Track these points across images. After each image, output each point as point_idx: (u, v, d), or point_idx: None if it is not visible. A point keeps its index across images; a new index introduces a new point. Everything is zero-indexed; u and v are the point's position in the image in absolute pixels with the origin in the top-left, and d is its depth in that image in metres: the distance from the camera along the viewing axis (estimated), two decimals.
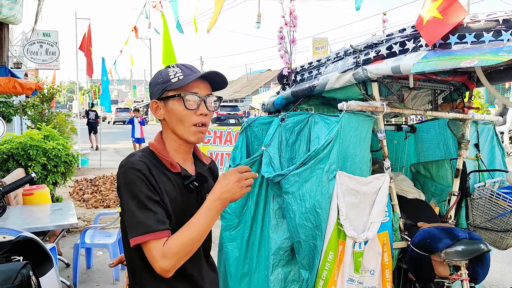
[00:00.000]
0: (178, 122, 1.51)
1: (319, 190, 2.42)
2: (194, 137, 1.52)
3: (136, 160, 1.44)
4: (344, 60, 2.65)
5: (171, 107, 1.51)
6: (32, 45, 11.96)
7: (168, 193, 1.46)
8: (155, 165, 1.48)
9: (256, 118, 3.21)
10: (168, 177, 1.49)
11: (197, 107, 1.50)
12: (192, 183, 1.52)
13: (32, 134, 6.18)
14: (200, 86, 1.53)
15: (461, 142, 2.88)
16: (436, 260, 2.47)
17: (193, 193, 1.54)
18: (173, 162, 1.52)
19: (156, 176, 1.45)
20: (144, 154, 1.51)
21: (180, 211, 1.48)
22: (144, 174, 1.41)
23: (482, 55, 1.87)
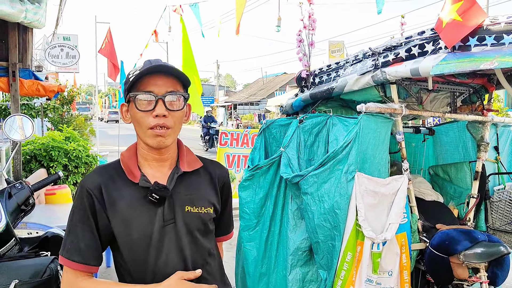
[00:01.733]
0: (137, 125, 1.36)
1: (338, 191, 2.45)
2: (152, 141, 1.34)
3: (90, 177, 1.35)
4: (362, 62, 2.68)
5: (131, 109, 1.37)
6: (53, 48, 12.24)
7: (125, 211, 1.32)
8: (116, 178, 1.36)
9: (275, 120, 3.25)
10: (131, 189, 1.35)
11: (152, 107, 1.32)
12: (150, 195, 1.33)
13: (54, 136, 6.34)
14: (158, 83, 1.33)
15: (480, 145, 2.88)
16: (455, 262, 2.48)
17: (159, 205, 1.35)
18: (135, 171, 1.37)
19: (111, 193, 1.33)
20: (109, 165, 1.41)
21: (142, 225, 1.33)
22: (91, 195, 1.32)
23: (502, 57, 1.88)
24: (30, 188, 2.23)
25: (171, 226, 1.36)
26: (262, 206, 2.94)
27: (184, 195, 1.40)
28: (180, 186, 1.41)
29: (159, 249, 1.35)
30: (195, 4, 6.24)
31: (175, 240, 1.37)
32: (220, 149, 7.05)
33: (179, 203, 1.38)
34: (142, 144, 1.39)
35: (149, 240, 1.34)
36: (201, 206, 1.42)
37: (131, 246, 1.33)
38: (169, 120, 1.34)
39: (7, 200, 2.07)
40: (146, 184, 1.35)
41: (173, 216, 1.37)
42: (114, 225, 1.32)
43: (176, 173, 1.41)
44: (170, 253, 1.36)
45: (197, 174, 1.47)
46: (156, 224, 1.34)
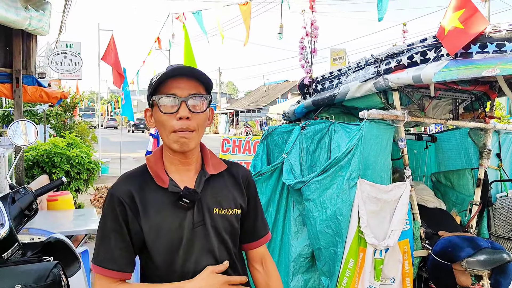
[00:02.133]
0: (161, 128, 1.37)
1: (340, 197, 2.45)
2: (176, 144, 1.34)
3: (119, 185, 1.37)
4: (365, 69, 2.69)
5: (155, 113, 1.38)
6: (57, 55, 12.32)
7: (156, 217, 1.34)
8: (145, 184, 1.37)
9: (277, 127, 3.26)
10: (160, 194, 1.37)
11: (176, 110, 1.32)
12: (181, 200, 1.35)
13: (57, 142, 6.36)
14: (181, 86, 1.34)
15: (482, 152, 2.88)
16: (458, 269, 2.47)
17: (188, 209, 1.37)
18: (163, 177, 1.38)
19: (142, 200, 1.35)
20: (136, 171, 1.42)
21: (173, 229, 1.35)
22: (123, 202, 1.33)
23: (504, 64, 1.89)
24: (33, 194, 2.23)
25: (201, 228, 1.39)
26: (264, 212, 2.93)
27: (212, 198, 1.42)
28: (207, 189, 1.43)
29: (189, 250, 1.38)
30: (198, 11, 6.29)
31: (205, 242, 1.40)
32: (221, 156, 7.05)
33: (207, 206, 1.41)
34: (167, 148, 1.41)
35: (180, 243, 1.36)
36: (228, 207, 1.45)
37: (162, 250, 1.36)
38: (192, 122, 1.35)
39: (10, 205, 2.08)
40: (176, 189, 1.36)
41: (202, 218, 1.39)
42: (146, 231, 1.35)
43: (203, 176, 1.43)
44: (200, 255, 1.39)
45: (222, 177, 1.49)
46: (186, 227, 1.37)
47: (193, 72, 1.37)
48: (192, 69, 1.37)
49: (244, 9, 5.07)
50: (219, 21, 6.07)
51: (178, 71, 1.35)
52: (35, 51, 5.97)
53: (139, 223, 1.34)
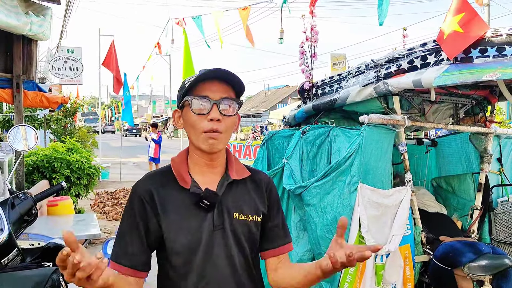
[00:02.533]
0: (190, 129, 1.39)
1: (341, 202, 2.44)
2: (204, 144, 1.37)
3: (141, 182, 1.40)
4: (365, 74, 2.69)
5: (185, 114, 1.41)
6: (57, 61, 12.33)
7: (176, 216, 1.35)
8: (167, 183, 1.39)
9: (277, 131, 3.26)
10: (182, 195, 1.38)
11: (207, 111, 1.35)
12: (201, 201, 1.36)
13: (57, 147, 6.35)
14: (213, 89, 1.37)
15: (483, 156, 2.87)
16: (459, 275, 2.45)
17: (209, 211, 1.38)
18: (186, 177, 1.40)
19: (162, 199, 1.36)
20: (160, 171, 1.45)
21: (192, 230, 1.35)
22: (142, 200, 1.36)
23: (505, 68, 1.89)
24: (33, 199, 2.23)
25: (220, 231, 1.39)
26: None
27: (233, 202, 1.42)
28: (229, 194, 1.44)
29: (208, 253, 1.37)
30: (198, 17, 6.32)
31: (224, 246, 1.39)
32: None
33: (227, 210, 1.41)
34: (194, 149, 1.42)
35: (199, 245, 1.36)
36: (248, 214, 1.45)
37: (180, 250, 1.36)
38: (222, 125, 1.37)
39: (10, 210, 2.07)
40: (197, 191, 1.37)
41: (222, 222, 1.39)
42: (165, 229, 1.35)
43: (226, 180, 1.43)
44: (219, 258, 1.38)
45: (245, 183, 1.49)
46: (205, 229, 1.37)
47: (227, 76, 1.39)
48: (226, 72, 1.39)
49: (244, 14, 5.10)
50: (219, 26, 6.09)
51: (212, 74, 1.37)
52: (36, 56, 5.97)
53: (158, 221, 1.36)
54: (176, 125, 1.45)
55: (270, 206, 1.52)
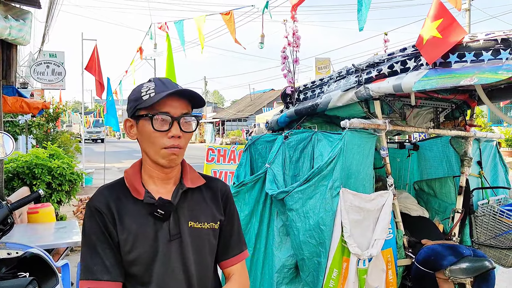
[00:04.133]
0: (149, 143, 1.37)
1: (323, 207, 2.44)
2: (164, 160, 1.37)
3: (97, 195, 1.38)
4: (346, 79, 2.70)
5: (142, 127, 1.37)
6: (39, 65, 12.16)
7: (132, 226, 1.34)
8: (122, 196, 1.38)
9: (260, 136, 3.25)
10: (136, 206, 1.38)
11: (168, 128, 1.35)
12: (155, 211, 1.36)
13: (38, 153, 6.24)
14: (174, 105, 1.37)
15: (463, 160, 2.90)
16: (441, 278, 2.47)
17: (164, 221, 1.38)
18: (139, 188, 1.39)
19: (119, 210, 1.35)
20: (113, 184, 1.43)
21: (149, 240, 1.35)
22: (101, 212, 1.33)
23: (482, 73, 1.91)
24: (8, 207, 2.18)
25: (177, 241, 1.40)
26: (247, 223, 2.91)
27: (188, 211, 1.44)
28: (184, 202, 1.45)
29: (166, 263, 1.37)
30: (179, 21, 6.30)
31: (180, 255, 1.40)
32: (206, 166, 7.01)
33: (183, 219, 1.42)
34: (149, 162, 1.42)
35: (156, 254, 1.36)
36: (205, 221, 1.46)
37: (138, 260, 1.35)
38: (182, 140, 1.38)
39: None
40: (151, 201, 1.37)
41: (178, 231, 1.40)
42: (122, 240, 1.35)
43: (181, 189, 1.44)
44: (176, 268, 1.39)
45: (200, 191, 1.50)
46: (162, 239, 1.37)
47: (189, 93, 1.39)
48: (187, 89, 1.39)
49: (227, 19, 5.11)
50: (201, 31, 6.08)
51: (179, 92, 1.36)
52: (16, 61, 5.87)
53: (116, 233, 1.34)
54: (129, 135, 1.43)
55: (227, 213, 1.53)
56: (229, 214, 1.54)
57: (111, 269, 1.32)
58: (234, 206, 1.58)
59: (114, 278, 1.32)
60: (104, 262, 1.31)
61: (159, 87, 1.36)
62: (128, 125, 1.42)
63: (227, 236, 1.54)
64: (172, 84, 1.40)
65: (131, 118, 1.41)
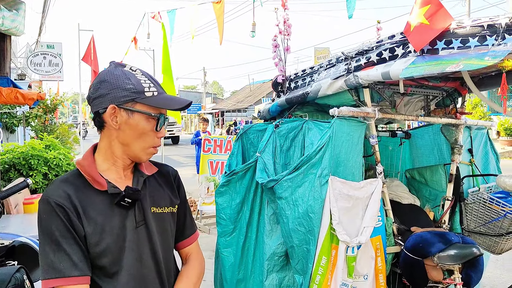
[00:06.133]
0: (138, 139, 1.38)
1: (312, 195, 2.45)
2: (147, 157, 1.43)
3: (54, 189, 1.32)
4: (336, 67, 2.69)
5: (136, 121, 1.36)
6: (36, 56, 12.14)
7: (97, 218, 1.33)
8: (82, 187, 1.35)
9: (252, 125, 3.24)
10: (99, 197, 1.36)
11: (159, 129, 1.41)
12: (123, 200, 1.36)
13: (34, 144, 6.26)
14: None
15: (454, 147, 2.90)
16: (429, 265, 2.48)
17: (129, 209, 1.39)
18: (100, 180, 1.37)
19: (81, 202, 1.32)
20: (68, 176, 1.38)
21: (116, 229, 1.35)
22: (62, 206, 1.29)
23: (468, 59, 1.90)
24: None
25: (143, 227, 1.42)
26: (238, 211, 2.93)
27: (149, 197, 1.46)
28: (145, 189, 1.47)
29: (134, 250, 1.38)
30: (172, 10, 6.26)
31: (148, 241, 1.42)
32: (203, 156, 7.02)
33: (146, 205, 1.44)
34: (121, 153, 1.41)
35: (124, 244, 1.36)
36: (164, 206, 1.50)
37: (107, 251, 1.34)
38: None
39: None
40: (116, 191, 1.37)
41: (143, 218, 1.42)
42: (89, 232, 1.32)
43: (141, 176, 1.47)
44: (144, 254, 1.40)
45: (155, 178, 1.54)
46: (128, 227, 1.38)
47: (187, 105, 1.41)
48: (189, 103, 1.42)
49: (218, 7, 5.08)
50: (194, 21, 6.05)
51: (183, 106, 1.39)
52: (9, 52, 5.85)
53: (82, 225, 1.32)
54: (110, 122, 1.39)
55: (180, 196, 1.60)
56: (181, 197, 1.61)
57: (79, 264, 1.28)
58: (184, 189, 1.64)
59: (83, 273, 1.29)
60: (71, 258, 1.28)
61: (156, 86, 1.40)
62: (111, 112, 1.36)
63: (181, 217, 1.61)
64: (157, 82, 1.44)
65: (117, 106, 1.35)
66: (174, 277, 1.53)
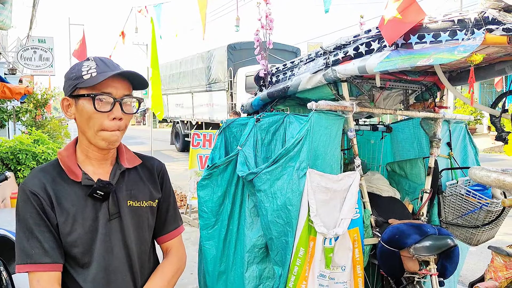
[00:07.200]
0: (88, 124, 1.35)
1: (290, 188, 2.48)
2: (103, 142, 1.37)
3: (31, 179, 1.35)
4: (315, 61, 2.72)
5: (81, 107, 1.35)
6: (26, 51, 12.07)
7: (70, 208, 1.34)
8: (58, 177, 1.37)
9: (235, 119, 3.27)
10: (74, 188, 1.37)
11: (110, 109, 1.34)
12: (95, 192, 1.37)
13: (22, 139, 6.24)
14: (117, 86, 1.36)
15: (433, 141, 2.94)
16: (406, 256, 2.53)
17: (103, 201, 1.39)
18: (76, 170, 1.38)
19: (55, 192, 1.34)
20: (47, 166, 1.41)
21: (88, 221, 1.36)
22: (37, 195, 1.31)
23: (438, 53, 1.94)
24: None
25: (117, 220, 1.42)
26: (220, 204, 2.95)
27: (126, 190, 1.45)
28: (122, 182, 1.46)
29: (106, 242, 1.39)
30: (158, 5, 6.25)
31: (121, 233, 1.42)
32: (192, 151, 7.03)
33: (122, 198, 1.43)
34: (87, 143, 1.41)
35: (95, 235, 1.37)
36: (142, 200, 1.49)
37: (78, 241, 1.35)
38: (123, 123, 1.39)
39: None
40: (89, 182, 1.38)
41: (117, 210, 1.42)
42: (61, 224, 1.34)
43: (119, 169, 1.46)
44: (116, 246, 1.41)
45: (137, 170, 1.52)
46: (101, 219, 1.38)
47: (131, 74, 1.38)
48: (130, 71, 1.38)
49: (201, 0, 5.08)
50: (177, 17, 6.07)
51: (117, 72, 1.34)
52: None
53: (55, 215, 1.34)
54: (66, 115, 1.41)
55: (163, 191, 1.57)
56: (165, 191, 1.59)
57: (50, 252, 1.31)
58: (169, 184, 1.62)
59: (54, 260, 1.32)
60: (43, 245, 1.31)
61: (100, 67, 1.34)
62: (65, 104, 1.40)
63: (163, 212, 1.58)
64: (114, 64, 1.39)
65: (69, 97, 1.39)
66: (150, 270, 1.54)
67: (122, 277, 1.42)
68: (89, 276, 1.37)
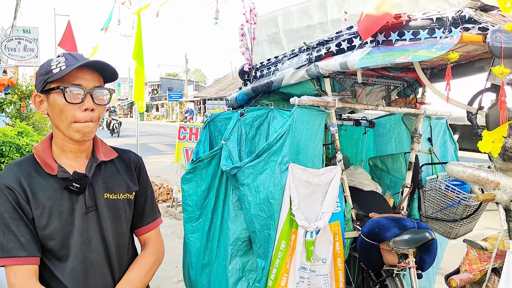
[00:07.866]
0: (61, 117, 1.37)
1: (272, 182, 2.51)
2: (77, 134, 1.38)
3: (6, 173, 1.37)
4: (298, 56, 2.74)
5: (53, 101, 1.37)
6: (10, 41, 11.88)
7: (46, 202, 1.36)
8: (33, 171, 1.38)
9: (220, 113, 3.28)
10: (49, 181, 1.39)
11: (81, 100, 1.36)
12: (71, 185, 1.38)
13: (5, 131, 6.16)
14: (87, 77, 1.38)
15: (413, 136, 3.00)
16: (385, 249, 2.58)
17: (80, 194, 1.41)
18: (52, 164, 1.40)
19: (31, 186, 1.36)
20: (22, 160, 1.42)
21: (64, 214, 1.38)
22: (12, 190, 1.33)
23: (416, 51, 1.98)
24: None
25: (94, 213, 1.44)
26: (204, 198, 2.98)
27: (103, 183, 1.47)
28: (99, 175, 1.48)
29: (83, 235, 1.41)
30: None
31: (98, 226, 1.44)
32: (178, 144, 7.02)
33: (99, 191, 1.45)
34: (61, 136, 1.42)
35: (72, 228, 1.38)
36: (119, 192, 1.51)
37: (54, 234, 1.37)
38: (95, 114, 1.41)
39: None
40: (65, 175, 1.40)
41: (94, 203, 1.43)
42: (37, 216, 1.36)
43: (94, 162, 1.48)
44: (93, 239, 1.43)
45: (113, 163, 1.55)
46: (78, 212, 1.40)
47: (100, 65, 1.39)
48: (99, 61, 1.39)
49: None
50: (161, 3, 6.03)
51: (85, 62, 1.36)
52: None
53: (30, 209, 1.35)
54: (39, 110, 1.44)
55: (141, 183, 1.59)
56: (142, 183, 1.61)
57: (26, 245, 1.33)
58: (147, 176, 1.64)
59: (30, 253, 1.33)
60: (19, 239, 1.32)
61: (70, 60, 1.37)
62: (38, 100, 1.43)
63: (141, 205, 1.61)
64: (84, 58, 1.41)
65: (40, 93, 1.41)
66: (129, 262, 1.56)
67: (100, 270, 1.44)
68: (66, 269, 1.39)
